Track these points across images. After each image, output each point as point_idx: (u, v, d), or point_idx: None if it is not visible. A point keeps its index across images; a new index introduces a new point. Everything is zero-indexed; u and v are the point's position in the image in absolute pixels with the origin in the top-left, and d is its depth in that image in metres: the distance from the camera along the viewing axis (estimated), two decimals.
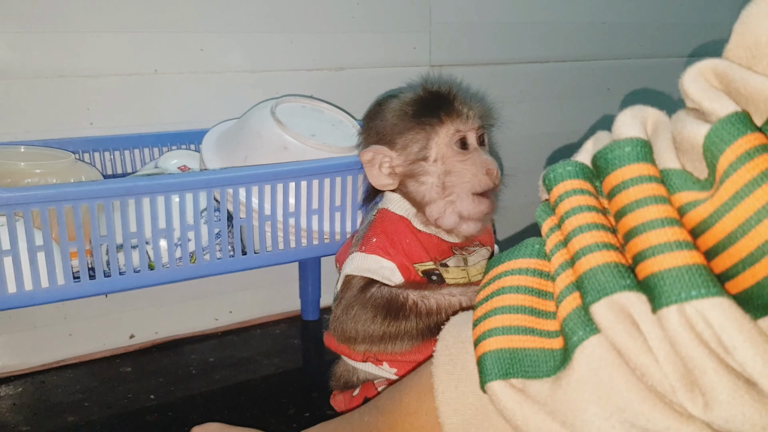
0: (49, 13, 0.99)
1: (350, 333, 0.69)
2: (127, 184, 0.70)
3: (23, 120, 1.00)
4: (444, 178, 0.71)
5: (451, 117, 0.72)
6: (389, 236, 0.71)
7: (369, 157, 0.74)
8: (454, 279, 0.73)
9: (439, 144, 0.71)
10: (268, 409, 0.95)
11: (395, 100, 0.75)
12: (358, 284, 0.69)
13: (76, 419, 0.92)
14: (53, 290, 0.70)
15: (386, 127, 0.74)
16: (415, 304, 0.67)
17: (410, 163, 0.72)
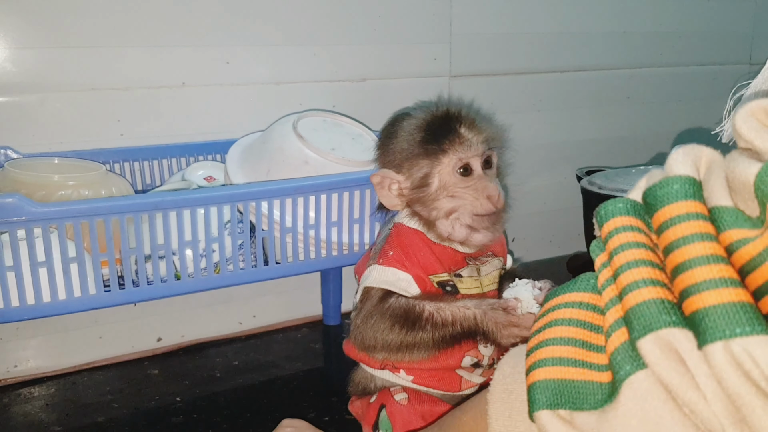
0: (82, 29, 1.03)
1: (369, 342, 0.72)
2: (155, 200, 0.73)
3: (57, 131, 1.05)
4: (446, 203, 0.74)
5: (454, 145, 0.73)
6: (405, 249, 0.74)
7: (377, 180, 0.77)
8: (468, 288, 0.76)
9: (441, 173, 0.74)
10: (288, 412, 0.98)
11: (407, 122, 0.77)
12: (377, 295, 0.72)
13: (105, 420, 0.96)
14: (85, 299, 0.74)
15: (396, 150, 0.77)
16: (431, 315, 0.70)
17: (415, 188, 0.75)
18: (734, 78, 1.61)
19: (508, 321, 0.70)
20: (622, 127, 1.57)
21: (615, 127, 1.56)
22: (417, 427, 0.73)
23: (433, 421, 0.73)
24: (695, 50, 1.63)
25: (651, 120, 1.60)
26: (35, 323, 1.07)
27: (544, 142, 1.48)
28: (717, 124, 0.65)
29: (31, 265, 0.70)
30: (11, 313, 0.71)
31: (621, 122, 1.57)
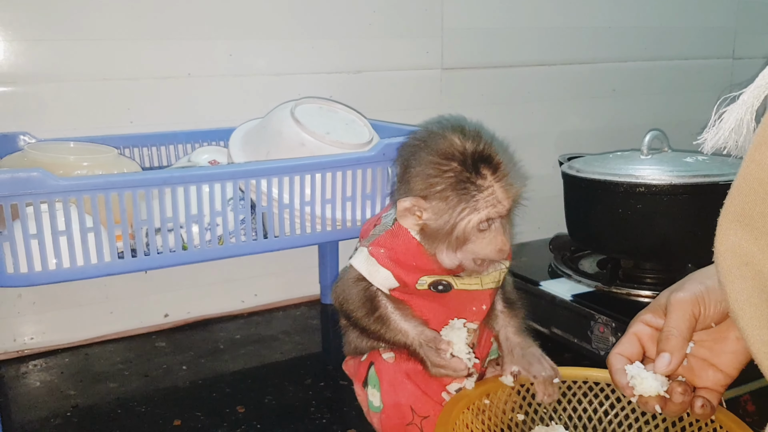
0: (94, 23, 1.11)
1: (339, 304, 0.82)
2: (164, 175, 0.81)
3: (71, 118, 1.12)
4: (459, 245, 0.76)
5: (488, 206, 0.74)
6: (397, 253, 0.79)
7: (407, 205, 0.77)
8: (468, 284, 0.81)
9: (466, 227, 0.74)
10: (287, 378, 1.05)
11: (444, 146, 0.75)
12: (356, 274, 0.80)
13: (117, 386, 1.04)
14: (101, 266, 0.81)
15: (427, 178, 0.76)
16: (383, 315, 0.79)
17: (436, 228, 0.76)
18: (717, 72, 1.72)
19: (436, 362, 0.77)
20: (608, 119, 1.64)
21: (601, 119, 1.63)
22: (402, 383, 0.81)
23: (416, 378, 0.81)
24: (679, 45, 1.70)
25: (636, 112, 1.67)
26: (50, 299, 1.15)
27: (533, 133, 1.55)
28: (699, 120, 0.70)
29: (52, 233, 0.78)
30: (35, 277, 0.78)
31: (607, 114, 1.64)
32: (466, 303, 0.82)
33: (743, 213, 0.55)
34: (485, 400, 0.80)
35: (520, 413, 0.83)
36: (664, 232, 1.03)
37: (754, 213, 0.54)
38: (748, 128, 0.59)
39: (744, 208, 0.55)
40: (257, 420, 0.94)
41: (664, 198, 1.00)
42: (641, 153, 1.09)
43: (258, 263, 1.31)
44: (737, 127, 0.59)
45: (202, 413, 0.96)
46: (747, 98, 0.59)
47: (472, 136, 0.76)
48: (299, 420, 0.94)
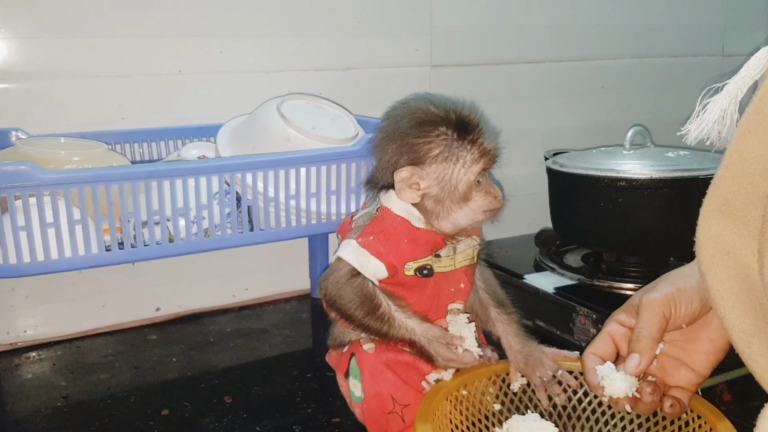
0: (86, 20, 1.13)
1: (331, 302, 0.82)
2: (150, 169, 0.83)
3: (64, 115, 1.14)
4: (462, 204, 0.80)
5: (483, 158, 0.79)
6: (387, 236, 0.81)
7: (406, 175, 0.79)
8: (443, 267, 0.84)
9: (468, 182, 0.79)
10: (275, 370, 1.07)
11: (425, 115, 0.79)
12: (349, 268, 0.81)
13: (108, 377, 1.06)
14: (88, 258, 0.83)
15: (419, 146, 0.79)
16: (386, 313, 0.80)
17: (438, 190, 0.79)
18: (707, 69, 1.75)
19: (447, 356, 0.80)
20: (598, 116, 1.66)
21: (590, 116, 1.65)
22: (383, 373, 0.82)
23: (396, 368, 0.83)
24: (668, 42, 1.72)
25: (625, 109, 1.69)
26: (44, 293, 1.17)
27: (521, 130, 1.56)
28: (688, 117, 0.71)
29: (41, 226, 0.80)
30: (24, 268, 0.80)
31: (596, 111, 1.66)
32: (443, 285, 0.84)
33: (725, 203, 0.57)
34: (463, 390, 0.82)
35: (497, 403, 0.84)
36: (645, 226, 1.04)
37: (735, 203, 0.55)
38: (731, 119, 0.60)
39: (726, 198, 0.57)
40: (244, 410, 0.96)
41: (644, 192, 1.02)
42: (624, 148, 1.11)
43: (249, 258, 1.33)
44: (720, 118, 0.60)
45: (190, 403, 0.98)
46: (731, 89, 0.60)
47: (445, 103, 0.81)
48: (285, 410, 0.96)
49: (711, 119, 0.62)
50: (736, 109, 0.59)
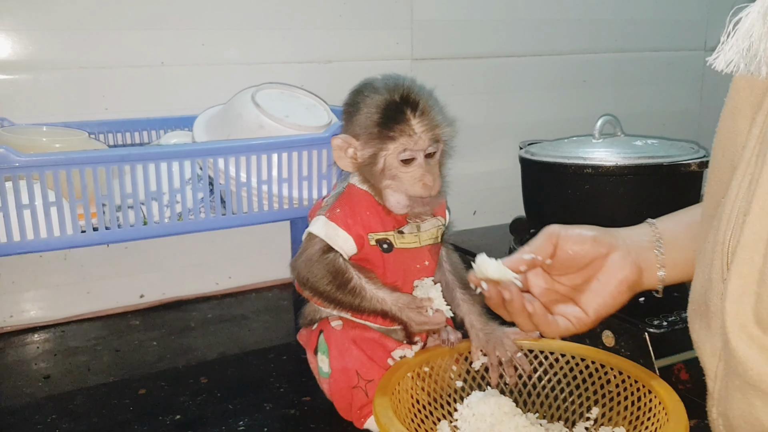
0: (71, 13, 1.16)
1: (303, 280, 0.85)
2: (122, 152, 0.86)
3: (48, 105, 1.17)
4: (387, 181, 0.84)
5: (403, 136, 0.81)
6: (352, 208, 0.85)
7: (338, 142, 0.85)
8: (407, 243, 0.87)
9: (387, 157, 0.83)
10: (251, 352, 1.10)
11: (371, 97, 0.84)
12: (320, 245, 0.84)
13: (89, 359, 1.09)
14: (63, 239, 0.86)
15: (356, 120, 0.84)
16: (357, 286, 0.83)
17: (364, 161, 0.84)
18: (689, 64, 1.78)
19: (420, 320, 0.83)
20: (579, 109, 1.68)
21: (572, 109, 1.67)
22: (349, 349, 0.85)
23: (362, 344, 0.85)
24: (650, 37, 1.74)
25: (607, 103, 1.71)
26: (30, 279, 1.20)
27: (503, 123, 1.59)
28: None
29: (16, 207, 0.83)
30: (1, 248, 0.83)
31: (578, 104, 1.68)
32: (409, 262, 0.87)
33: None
34: (425, 367, 0.85)
35: (459, 380, 0.87)
36: (611, 212, 1.07)
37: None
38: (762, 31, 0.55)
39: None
40: (218, 389, 0.99)
41: (610, 179, 1.05)
42: (593, 137, 1.13)
43: (232, 247, 1.36)
44: (749, 30, 0.55)
45: (166, 383, 1.01)
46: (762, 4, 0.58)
47: (399, 84, 0.84)
48: (258, 389, 0.99)
49: (742, 34, 0.56)
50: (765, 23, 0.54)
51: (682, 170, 1.03)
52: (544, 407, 0.86)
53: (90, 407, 0.94)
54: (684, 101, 1.81)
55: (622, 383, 0.80)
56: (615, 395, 0.81)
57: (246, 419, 0.91)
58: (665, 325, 0.90)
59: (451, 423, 0.82)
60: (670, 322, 0.91)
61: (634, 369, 0.80)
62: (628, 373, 0.80)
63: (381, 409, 0.73)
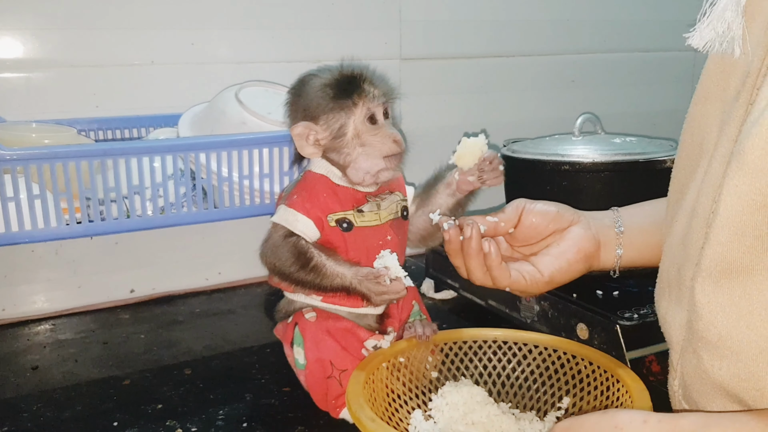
0: (62, 12, 1.18)
1: (271, 266, 0.89)
2: (105, 147, 0.88)
3: (39, 103, 1.20)
4: (360, 149, 0.87)
5: (362, 98, 0.87)
6: (309, 192, 0.88)
7: (299, 131, 0.89)
8: (368, 221, 0.89)
9: (355, 122, 0.87)
10: (236, 345, 1.12)
11: (316, 80, 0.90)
12: (282, 231, 0.87)
13: (77, 351, 1.11)
14: (47, 231, 0.89)
15: (311, 105, 0.89)
16: (318, 264, 0.86)
17: (332, 138, 0.88)
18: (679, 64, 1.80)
19: (378, 290, 0.85)
20: (568, 109, 1.69)
21: (560, 109, 1.69)
22: (323, 340, 0.87)
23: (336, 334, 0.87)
24: (640, 37, 1.76)
25: (595, 103, 1.72)
26: (21, 273, 1.23)
27: (491, 122, 1.60)
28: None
29: (1, 200, 0.85)
30: None
31: (566, 104, 1.69)
32: (371, 240, 0.89)
33: None
34: (400, 358, 0.86)
35: (434, 371, 0.89)
36: (588, 208, 1.07)
37: None
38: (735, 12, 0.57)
39: None
40: (201, 381, 1.01)
41: (587, 175, 1.06)
42: (573, 135, 1.15)
43: (222, 243, 1.38)
44: (722, 13, 0.58)
45: (150, 374, 1.03)
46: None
47: (334, 66, 0.90)
48: (240, 380, 1.01)
49: (717, 14, 0.59)
50: (741, 9, 0.57)
51: (657, 167, 1.04)
52: (518, 397, 0.88)
53: (74, 397, 0.96)
54: (674, 101, 1.82)
55: (593, 373, 0.82)
56: (585, 385, 0.83)
57: (226, 408, 0.93)
58: (636, 317, 0.92)
59: (425, 412, 0.84)
60: (641, 315, 0.92)
61: (603, 359, 0.82)
62: (598, 363, 0.81)
63: (353, 397, 0.75)
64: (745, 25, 0.59)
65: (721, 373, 0.58)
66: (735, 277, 0.55)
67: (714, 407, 0.60)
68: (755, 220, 0.52)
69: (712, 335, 0.57)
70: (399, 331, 0.92)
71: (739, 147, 0.53)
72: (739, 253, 0.54)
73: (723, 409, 0.59)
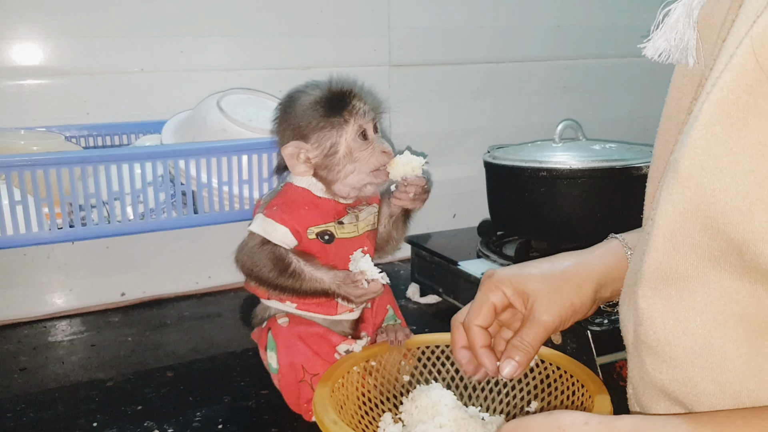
0: (53, 22, 1.21)
1: (248, 271, 0.90)
2: (84, 154, 0.90)
3: (31, 111, 1.22)
4: (351, 165, 0.89)
5: (353, 115, 0.88)
6: (288, 204, 0.89)
7: (290, 151, 0.89)
8: (347, 233, 0.91)
9: (347, 139, 0.88)
10: (219, 348, 1.14)
11: (306, 97, 0.90)
12: (259, 239, 0.88)
13: (65, 353, 1.13)
14: (29, 236, 0.91)
15: (301, 123, 0.89)
16: (297, 269, 0.87)
17: (324, 156, 0.88)
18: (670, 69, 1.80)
19: (357, 293, 0.87)
20: (557, 115, 1.69)
21: (552, 115, 1.69)
22: (295, 345, 0.89)
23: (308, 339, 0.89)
24: (632, 43, 1.75)
25: (587, 108, 1.73)
26: (13, 277, 1.25)
27: (480, 128, 1.62)
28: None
29: None
30: None
31: (556, 111, 1.70)
32: (349, 250, 0.91)
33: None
34: (372, 362, 0.88)
35: (406, 374, 0.90)
36: (566, 214, 1.10)
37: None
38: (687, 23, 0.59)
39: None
40: (182, 383, 1.03)
41: (564, 181, 1.07)
42: (553, 141, 1.16)
43: (213, 247, 1.40)
44: (674, 24, 0.60)
45: (134, 377, 1.05)
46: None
47: (322, 83, 0.91)
48: (220, 383, 1.03)
49: (669, 26, 0.61)
50: (693, 21, 0.58)
51: (634, 173, 1.05)
52: (488, 401, 0.89)
53: (58, 398, 0.99)
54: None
55: (560, 378, 0.83)
56: (553, 390, 0.84)
57: (203, 410, 0.95)
58: (607, 323, 0.93)
59: (396, 415, 0.86)
60: (612, 321, 0.93)
61: (570, 364, 0.83)
62: (565, 368, 0.82)
63: (318, 399, 0.77)
64: (699, 36, 0.60)
65: (662, 377, 0.59)
66: (672, 284, 0.56)
67: (659, 410, 0.61)
68: (687, 228, 0.53)
69: (652, 340, 0.59)
70: (372, 335, 0.94)
71: (674, 156, 0.54)
72: (675, 260, 0.55)
73: (667, 412, 0.60)
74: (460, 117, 1.59)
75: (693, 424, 0.50)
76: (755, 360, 0.54)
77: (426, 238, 1.33)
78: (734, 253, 0.52)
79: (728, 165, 0.51)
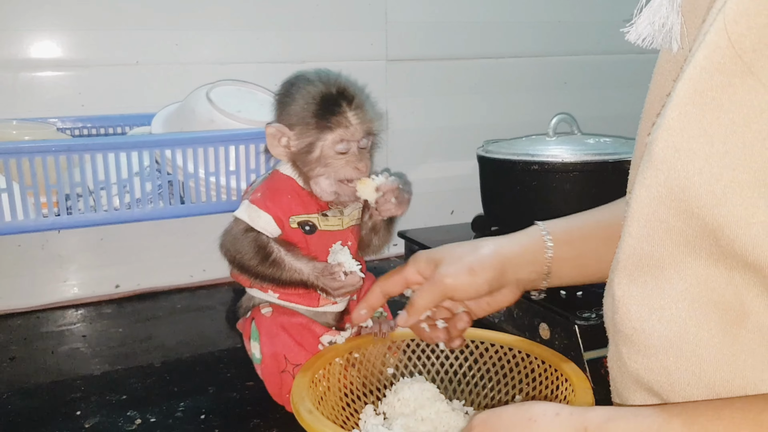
0: (49, 14, 1.21)
1: (231, 258, 0.90)
2: (69, 143, 0.90)
3: (26, 103, 1.22)
4: (322, 169, 0.88)
5: (340, 127, 0.86)
6: (273, 192, 0.89)
7: (272, 131, 0.89)
8: (331, 226, 0.90)
9: (323, 147, 0.87)
10: (208, 340, 1.14)
11: (308, 87, 0.88)
12: (244, 225, 0.88)
13: (55, 343, 1.14)
14: (14, 224, 0.91)
15: (291, 110, 0.88)
16: (278, 258, 0.87)
17: (299, 150, 0.88)
18: None
19: (335, 285, 0.87)
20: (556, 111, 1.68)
21: (552, 111, 1.67)
22: (278, 335, 0.88)
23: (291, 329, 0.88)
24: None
25: (586, 104, 1.71)
26: (7, 267, 1.26)
27: (478, 124, 1.60)
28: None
29: None
30: None
31: (558, 106, 1.68)
32: (331, 243, 0.90)
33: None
34: (355, 353, 0.87)
35: (390, 367, 0.90)
36: (558, 207, 1.08)
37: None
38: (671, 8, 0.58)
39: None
40: (168, 373, 1.03)
41: (556, 175, 1.06)
42: (547, 135, 1.15)
43: (207, 240, 1.38)
44: (658, 8, 0.59)
45: (121, 366, 1.05)
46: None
47: (334, 78, 0.89)
48: (206, 373, 1.03)
49: (653, 14, 0.60)
50: (677, 4, 0.58)
51: (626, 167, 1.03)
52: (473, 395, 0.88)
53: (44, 386, 0.99)
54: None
55: (545, 372, 0.82)
56: (537, 384, 0.83)
57: (187, 401, 0.95)
58: (594, 317, 0.92)
59: (377, 408, 0.85)
60: (599, 315, 0.92)
61: (554, 358, 0.82)
62: (549, 362, 0.81)
63: (296, 389, 0.76)
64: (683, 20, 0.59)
65: (637, 366, 0.58)
66: (648, 271, 0.55)
67: (636, 401, 0.60)
68: (662, 213, 0.52)
69: (628, 328, 0.58)
70: (357, 327, 0.93)
71: (650, 139, 0.53)
72: (650, 246, 0.54)
73: (643, 402, 0.59)
74: (458, 112, 1.58)
75: (664, 415, 0.49)
76: (730, 349, 0.53)
77: (420, 233, 1.33)
78: (709, 238, 0.51)
79: (702, 146, 0.50)
